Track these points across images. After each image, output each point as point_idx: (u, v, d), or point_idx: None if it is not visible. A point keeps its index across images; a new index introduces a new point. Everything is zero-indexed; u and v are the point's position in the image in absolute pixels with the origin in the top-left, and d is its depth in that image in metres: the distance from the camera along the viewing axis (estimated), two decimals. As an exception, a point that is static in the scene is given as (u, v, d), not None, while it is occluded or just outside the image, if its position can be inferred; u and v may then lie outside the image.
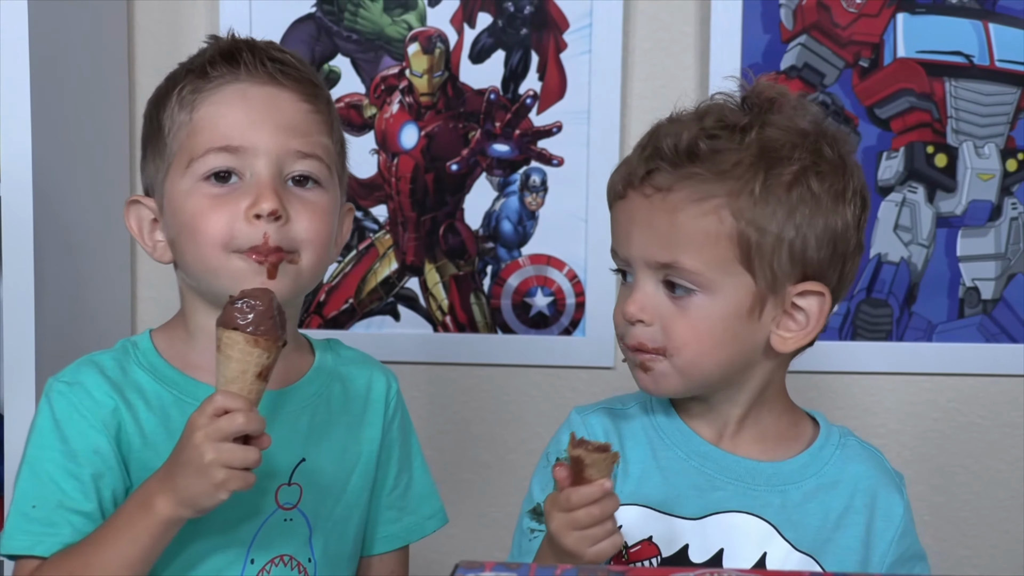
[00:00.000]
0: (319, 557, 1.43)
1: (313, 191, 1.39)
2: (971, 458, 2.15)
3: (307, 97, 1.40)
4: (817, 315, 1.35)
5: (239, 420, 1.24)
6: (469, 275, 2.14)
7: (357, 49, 2.11)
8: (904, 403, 2.14)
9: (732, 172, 1.32)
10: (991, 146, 2.09)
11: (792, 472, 1.39)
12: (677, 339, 1.34)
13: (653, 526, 1.36)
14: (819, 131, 1.37)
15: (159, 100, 1.42)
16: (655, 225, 1.34)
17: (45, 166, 1.83)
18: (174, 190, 1.38)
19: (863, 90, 2.08)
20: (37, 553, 1.34)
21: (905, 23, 2.07)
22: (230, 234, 1.35)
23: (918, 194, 2.09)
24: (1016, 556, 2.15)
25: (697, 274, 1.32)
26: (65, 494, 1.34)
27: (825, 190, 1.34)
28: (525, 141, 2.11)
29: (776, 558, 1.35)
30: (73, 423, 1.36)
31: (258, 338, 1.25)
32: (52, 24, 1.86)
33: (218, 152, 1.36)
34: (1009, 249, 2.10)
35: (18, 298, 1.82)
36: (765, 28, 2.06)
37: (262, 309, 1.26)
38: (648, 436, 1.40)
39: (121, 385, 1.38)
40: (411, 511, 1.54)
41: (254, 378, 1.26)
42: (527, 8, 2.09)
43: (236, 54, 1.38)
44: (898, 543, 1.40)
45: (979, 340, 2.11)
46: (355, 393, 1.49)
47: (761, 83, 1.39)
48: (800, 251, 1.33)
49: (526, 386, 2.15)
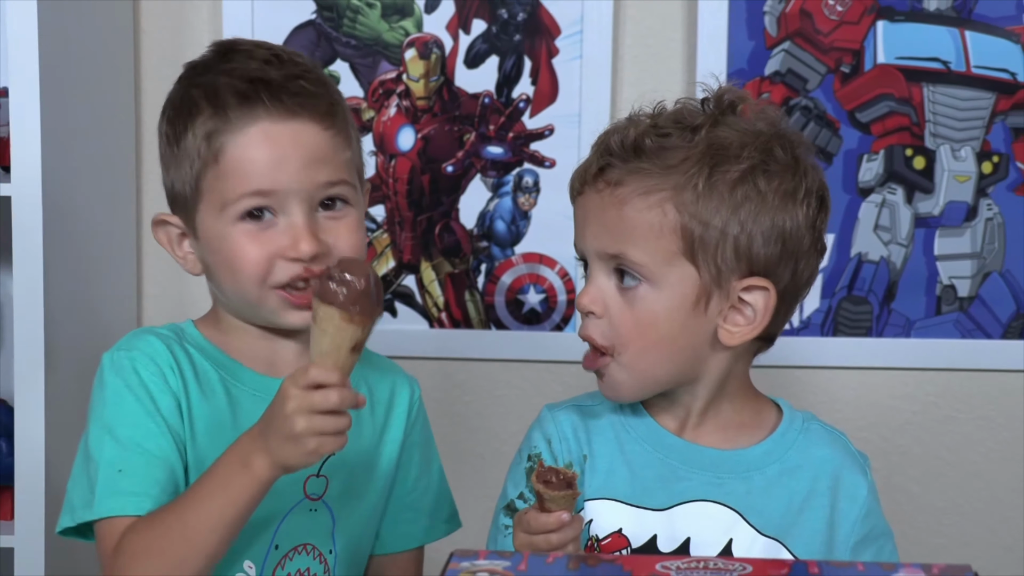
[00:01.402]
0: (340, 550, 1.43)
1: (343, 211, 1.40)
2: (947, 450, 2.15)
3: (326, 121, 1.39)
4: (763, 310, 1.34)
5: (333, 398, 1.24)
6: (464, 273, 2.14)
7: (356, 54, 2.10)
8: (884, 397, 2.14)
9: (679, 168, 1.32)
10: (967, 149, 2.09)
11: (755, 459, 1.39)
12: (623, 333, 1.34)
13: (622, 518, 1.36)
14: (774, 133, 1.37)
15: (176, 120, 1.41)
16: (605, 218, 1.34)
17: (54, 168, 1.84)
18: (210, 228, 1.38)
19: (844, 95, 2.08)
20: (132, 512, 1.32)
21: (885, 30, 2.07)
22: (269, 271, 1.36)
23: (897, 195, 2.09)
24: (989, 544, 2.16)
25: (642, 265, 1.33)
26: (149, 453, 1.34)
27: (773, 189, 1.33)
28: (518, 143, 2.12)
29: (742, 543, 1.36)
30: (143, 385, 1.36)
31: (354, 315, 1.23)
32: (60, 31, 1.86)
33: (251, 196, 1.36)
34: (984, 248, 2.10)
35: (28, 295, 1.83)
36: (750, 35, 2.07)
37: (359, 287, 1.24)
38: (616, 431, 1.40)
39: (176, 353, 1.39)
40: (428, 513, 1.54)
41: (348, 352, 1.25)
42: (520, 15, 2.09)
43: (253, 95, 1.36)
44: (863, 522, 1.40)
45: (955, 336, 2.11)
46: (380, 397, 1.50)
47: (723, 87, 1.40)
48: (745, 247, 1.32)
49: (519, 380, 2.15)
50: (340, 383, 1.24)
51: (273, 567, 1.39)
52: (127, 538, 1.31)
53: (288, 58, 1.42)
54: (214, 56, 1.42)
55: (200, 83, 1.40)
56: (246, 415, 1.38)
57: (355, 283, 1.23)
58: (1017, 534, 2.16)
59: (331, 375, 1.24)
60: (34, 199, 1.81)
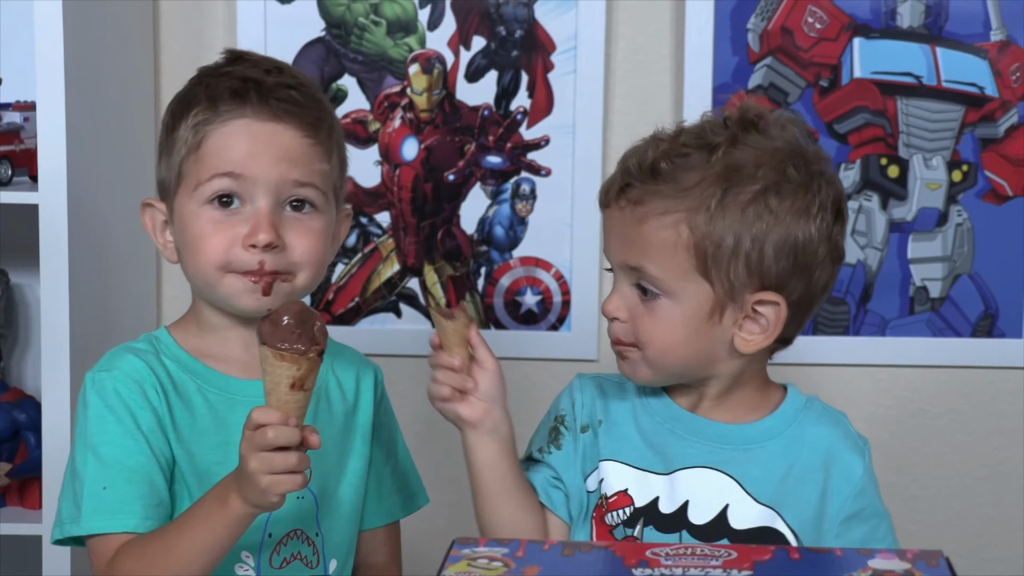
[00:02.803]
0: (325, 531, 1.44)
1: (309, 215, 1.39)
2: (920, 441, 2.16)
3: (308, 131, 1.38)
4: (775, 321, 1.35)
5: (268, 435, 1.23)
6: (464, 276, 2.14)
7: (362, 69, 2.11)
8: (860, 392, 2.15)
9: (693, 190, 1.32)
10: (938, 158, 2.10)
11: (757, 433, 1.40)
12: (645, 336, 1.36)
13: (629, 480, 1.38)
14: (792, 151, 1.36)
15: (176, 111, 1.41)
16: (627, 234, 1.36)
17: (78, 177, 1.85)
18: (182, 209, 1.39)
19: (823, 107, 2.09)
20: (115, 529, 1.33)
21: (861, 47, 2.08)
22: (227, 258, 1.36)
23: (873, 202, 2.10)
24: (960, 530, 2.17)
25: (660, 280, 1.34)
26: (131, 470, 1.34)
27: (786, 208, 1.33)
28: (516, 153, 2.12)
29: (737, 510, 1.36)
30: (123, 404, 1.36)
31: (283, 352, 1.22)
32: (84, 50, 1.87)
33: (221, 177, 1.36)
34: (955, 252, 2.11)
35: (54, 297, 1.83)
36: (734, 51, 2.08)
37: (285, 324, 1.23)
38: (632, 403, 1.42)
39: (155, 368, 1.39)
40: (398, 489, 1.55)
41: (288, 390, 1.23)
42: (517, 32, 2.10)
43: (244, 92, 1.37)
44: (854, 500, 1.39)
45: (927, 334, 2.12)
46: (348, 386, 1.50)
47: (745, 104, 1.39)
48: (756, 263, 1.33)
49: (517, 377, 2.13)
50: (279, 421, 1.23)
51: (269, 553, 1.40)
52: (119, 561, 1.32)
53: (288, 72, 1.43)
54: (224, 61, 1.44)
55: (204, 82, 1.41)
56: (226, 419, 1.38)
57: (283, 322, 1.23)
58: (985, 520, 2.17)
59: (269, 415, 1.23)
60: (59, 206, 1.82)
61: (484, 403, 1.38)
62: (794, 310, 1.36)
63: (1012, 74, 2.07)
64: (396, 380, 2.16)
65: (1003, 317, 2.12)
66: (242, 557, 1.38)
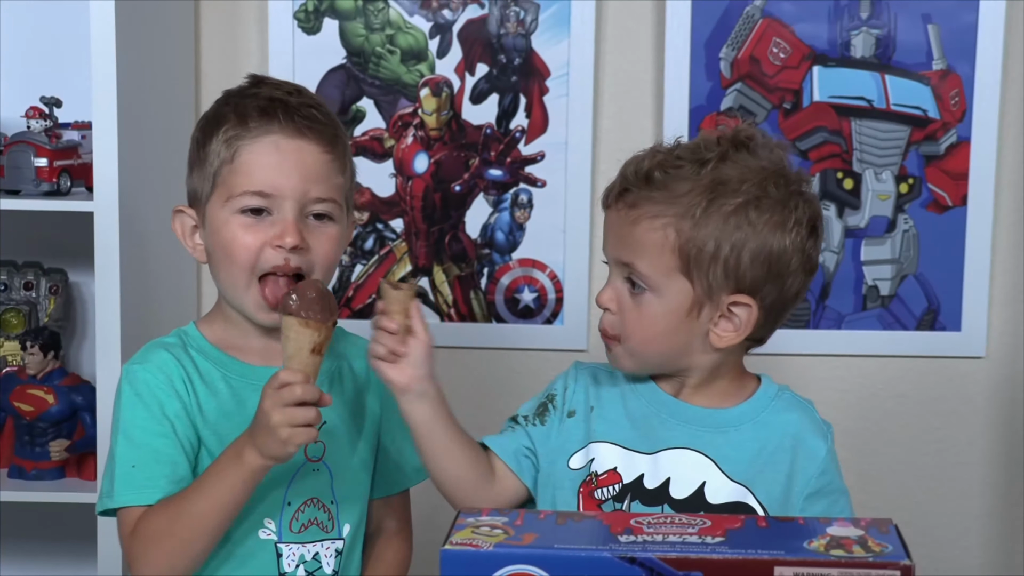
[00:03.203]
0: (340, 499, 1.45)
1: (328, 225, 1.40)
2: (871, 422, 2.17)
3: (327, 147, 1.40)
4: (746, 322, 1.34)
5: (296, 392, 1.27)
6: (469, 275, 2.15)
7: (379, 93, 2.12)
8: (819, 379, 2.16)
9: (682, 198, 1.32)
10: (888, 173, 2.11)
11: (732, 418, 1.39)
12: (630, 327, 1.36)
13: (617, 459, 1.37)
14: (775, 171, 1.35)
15: (207, 128, 1.42)
16: (622, 233, 1.35)
17: (129, 188, 1.85)
18: (215, 215, 1.40)
19: (787, 127, 2.09)
20: (143, 502, 1.35)
21: (820, 74, 2.08)
22: (258, 257, 1.37)
23: (830, 211, 2.11)
24: (906, 500, 2.17)
25: (647, 276, 1.34)
26: (157, 451, 1.36)
27: (764, 221, 1.32)
28: (515, 167, 2.13)
29: (713, 486, 1.36)
30: (152, 393, 1.37)
31: (308, 320, 1.27)
32: (135, 76, 1.87)
33: (253, 195, 1.37)
34: (902, 255, 2.12)
35: (107, 294, 1.83)
36: (708, 76, 2.08)
37: (310, 297, 1.28)
38: (622, 389, 1.41)
39: (182, 360, 1.40)
40: (405, 463, 1.53)
41: (309, 354, 1.28)
42: (516, 60, 2.11)
43: (272, 111, 1.38)
44: (818, 478, 1.39)
45: (878, 328, 2.13)
46: (359, 371, 1.50)
47: (740, 126, 1.39)
48: (733, 267, 1.32)
49: (516, 365, 2.16)
50: (303, 380, 1.27)
51: (289, 520, 1.41)
52: (142, 523, 1.34)
53: (307, 93, 1.44)
54: (247, 84, 1.45)
55: (231, 102, 1.42)
56: (247, 402, 1.39)
57: (306, 294, 1.28)
58: (928, 492, 2.18)
59: (295, 375, 1.27)
60: (112, 214, 1.83)
61: (411, 368, 1.34)
62: (767, 313, 1.36)
63: (951, 99, 2.08)
64: (409, 367, 2.17)
65: (944, 312, 2.13)
66: (264, 523, 1.40)
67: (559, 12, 2.08)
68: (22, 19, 2.09)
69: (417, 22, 2.10)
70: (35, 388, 1.97)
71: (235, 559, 1.39)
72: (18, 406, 1.97)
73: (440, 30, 2.10)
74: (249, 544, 1.39)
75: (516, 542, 1.07)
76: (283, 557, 1.40)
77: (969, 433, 2.16)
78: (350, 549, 1.46)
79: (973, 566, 2.18)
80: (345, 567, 1.45)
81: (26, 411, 1.96)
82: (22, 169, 1.89)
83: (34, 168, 1.89)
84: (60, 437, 1.97)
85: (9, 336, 2.10)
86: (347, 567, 1.46)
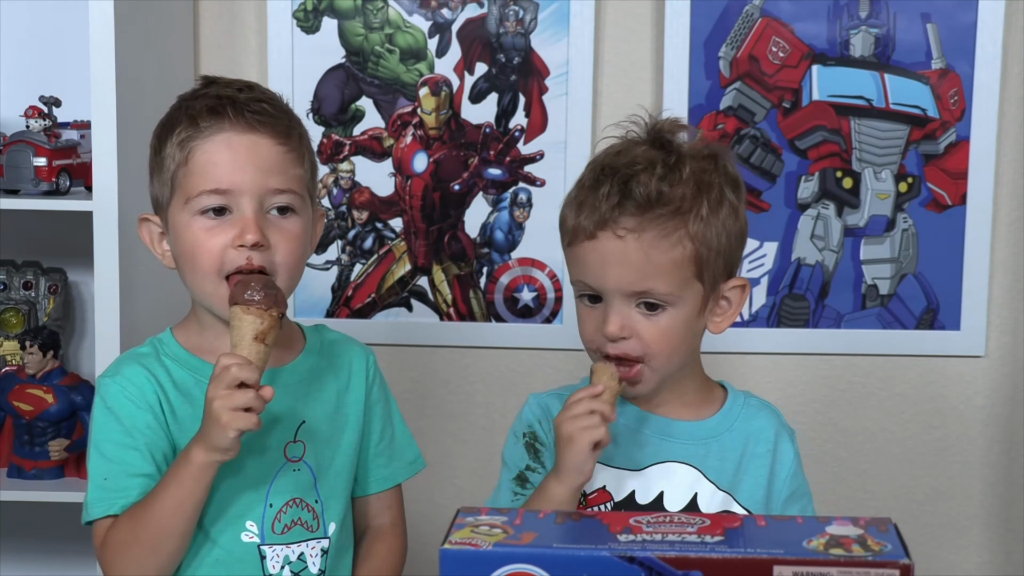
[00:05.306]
0: (324, 498, 1.44)
1: (289, 219, 1.39)
2: (870, 421, 2.17)
3: (281, 139, 1.38)
4: (737, 301, 1.37)
5: (232, 371, 1.27)
6: (468, 275, 2.15)
7: (378, 92, 2.12)
8: (818, 378, 2.16)
9: (683, 206, 1.31)
10: (887, 172, 2.11)
11: (711, 428, 1.40)
12: (652, 346, 1.33)
13: (607, 478, 1.37)
14: (710, 152, 1.35)
15: (161, 134, 1.41)
16: (629, 261, 1.31)
17: (128, 188, 1.84)
18: (176, 220, 1.39)
19: (786, 126, 2.10)
20: (114, 512, 1.36)
21: (819, 73, 2.08)
22: (222, 260, 1.36)
23: (830, 210, 2.11)
24: (905, 499, 2.18)
25: (668, 294, 1.32)
26: (128, 464, 1.36)
27: (737, 199, 1.35)
28: (514, 166, 2.13)
29: (704, 496, 1.37)
30: (123, 407, 1.38)
31: (249, 307, 1.29)
32: (133, 76, 1.86)
33: (210, 194, 1.36)
34: (901, 254, 2.12)
35: (106, 293, 1.83)
36: (707, 75, 2.08)
37: (253, 286, 1.30)
38: None
39: (155, 371, 1.40)
40: (396, 457, 1.53)
41: (251, 340, 1.29)
42: (515, 59, 2.10)
43: (221, 109, 1.37)
44: (790, 481, 1.41)
45: (877, 327, 2.13)
46: (340, 367, 1.49)
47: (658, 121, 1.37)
48: (727, 255, 1.34)
49: (515, 364, 2.16)
50: (243, 361, 1.27)
51: (271, 521, 1.40)
52: (110, 532, 1.35)
53: (258, 89, 1.43)
54: (199, 86, 1.44)
55: (183, 105, 1.41)
56: None
57: (250, 284, 1.31)
58: (928, 491, 2.18)
59: (233, 358, 1.28)
60: (111, 213, 1.83)
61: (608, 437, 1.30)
62: None
63: (950, 98, 2.08)
64: (408, 367, 2.17)
65: (943, 311, 2.13)
66: (246, 526, 1.40)
67: (558, 11, 2.08)
68: (21, 19, 2.09)
69: (416, 21, 2.10)
70: (34, 387, 1.97)
71: (219, 564, 1.39)
72: (17, 405, 1.97)
73: (439, 29, 2.10)
74: (232, 548, 1.39)
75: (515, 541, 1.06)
76: (267, 559, 1.40)
77: (969, 432, 2.16)
78: (337, 548, 1.46)
79: (972, 565, 2.18)
80: (333, 566, 1.45)
81: (25, 410, 1.96)
82: (21, 168, 1.90)
83: (33, 167, 1.89)
84: (59, 436, 1.98)
85: (8, 335, 2.10)
86: (335, 566, 1.46)
